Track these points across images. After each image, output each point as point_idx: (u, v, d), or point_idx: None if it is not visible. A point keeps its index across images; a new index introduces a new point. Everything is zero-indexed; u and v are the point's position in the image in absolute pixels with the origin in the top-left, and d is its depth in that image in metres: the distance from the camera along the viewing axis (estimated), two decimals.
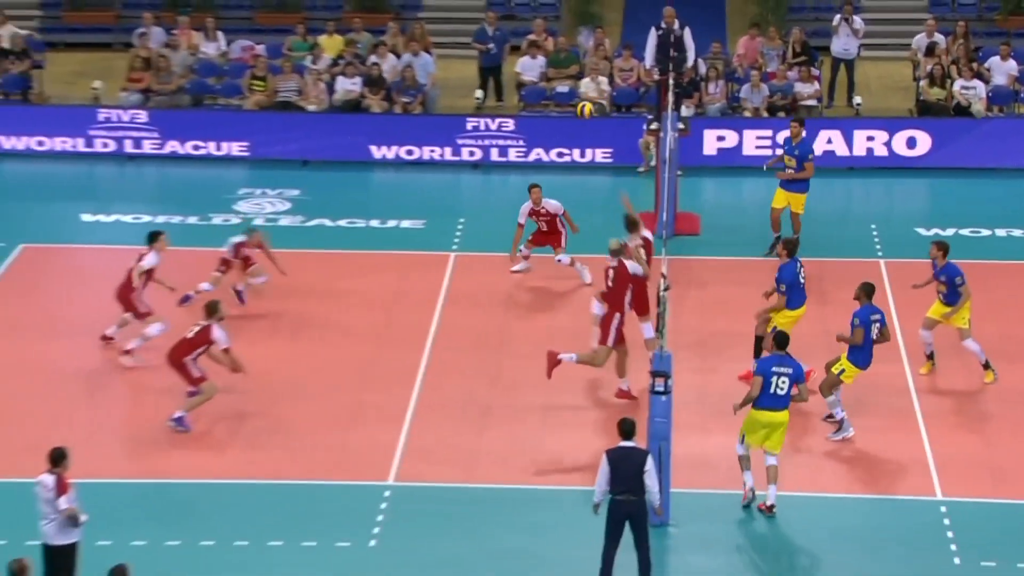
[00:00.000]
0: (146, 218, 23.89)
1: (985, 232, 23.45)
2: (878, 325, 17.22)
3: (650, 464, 14.23)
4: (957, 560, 15.28)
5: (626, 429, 14.40)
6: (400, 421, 17.74)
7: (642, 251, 18.58)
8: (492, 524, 15.86)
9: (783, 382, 15.75)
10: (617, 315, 17.69)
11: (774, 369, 15.80)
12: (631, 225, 19.01)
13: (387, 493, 16.35)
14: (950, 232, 23.40)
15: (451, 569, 15.10)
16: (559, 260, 21.08)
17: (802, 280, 18.44)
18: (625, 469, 14.17)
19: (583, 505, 15.35)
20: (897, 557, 15.34)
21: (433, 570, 15.08)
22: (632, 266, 17.91)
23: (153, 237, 19.32)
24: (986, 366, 18.68)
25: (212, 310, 17.79)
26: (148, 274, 19.07)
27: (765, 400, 15.79)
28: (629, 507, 14.22)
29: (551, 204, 21.21)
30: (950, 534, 15.69)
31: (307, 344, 19.67)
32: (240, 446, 17.33)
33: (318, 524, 15.75)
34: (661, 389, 15.32)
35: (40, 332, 19.97)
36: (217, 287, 20.08)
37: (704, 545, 15.54)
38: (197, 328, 17.67)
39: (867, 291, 17.38)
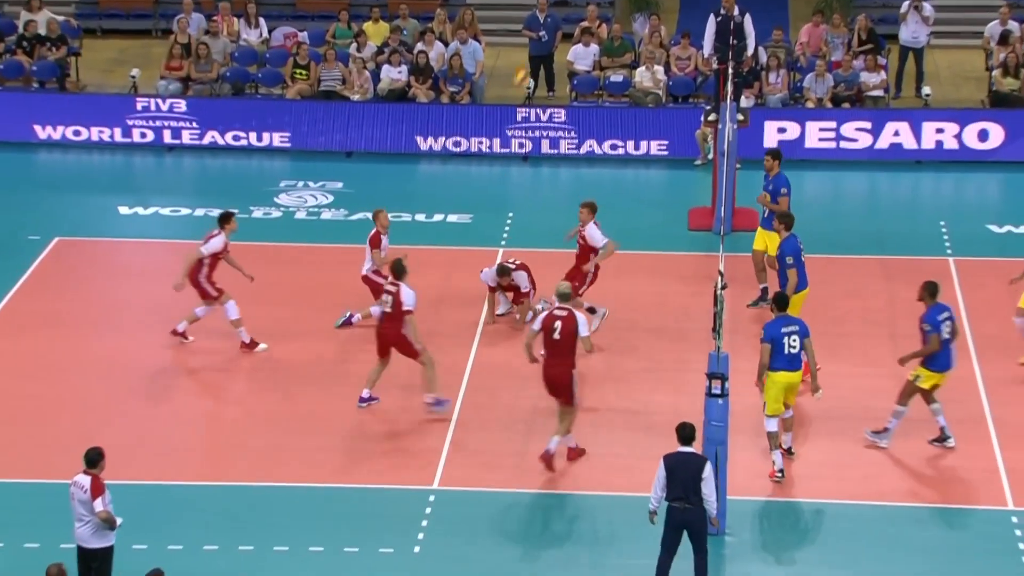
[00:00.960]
0: (185, 211, 24.07)
1: None
2: (949, 323, 17.02)
3: (708, 472, 14.23)
4: None
5: (686, 434, 14.42)
6: (446, 423, 17.78)
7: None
8: (539, 531, 15.87)
9: (794, 341, 16.41)
10: (574, 371, 16.51)
11: (783, 330, 16.40)
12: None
13: (432, 498, 16.39)
14: (1023, 229, 23.23)
15: None
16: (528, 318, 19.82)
17: (802, 259, 18.64)
18: (681, 475, 14.20)
19: (632, 511, 15.38)
20: (964, 569, 15.23)
21: None
22: (581, 320, 16.51)
23: (225, 219, 19.27)
24: None
25: (400, 269, 17.78)
26: (214, 257, 19.07)
27: (782, 362, 16.37)
28: (684, 515, 14.24)
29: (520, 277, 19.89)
30: (1022, 546, 15.57)
31: (349, 344, 19.72)
32: (280, 449, 17.40)
33: (361, 529, 15.81)
34: (718, 391, 15.29)
35: (74, 329, 20.12)
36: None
37: (762, 554, 15.50)
38: (391, 298, 17.65)
39: (931, 291, 17.12)
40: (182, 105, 26.61)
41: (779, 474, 16.53)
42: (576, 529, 15.89)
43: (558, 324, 16.53)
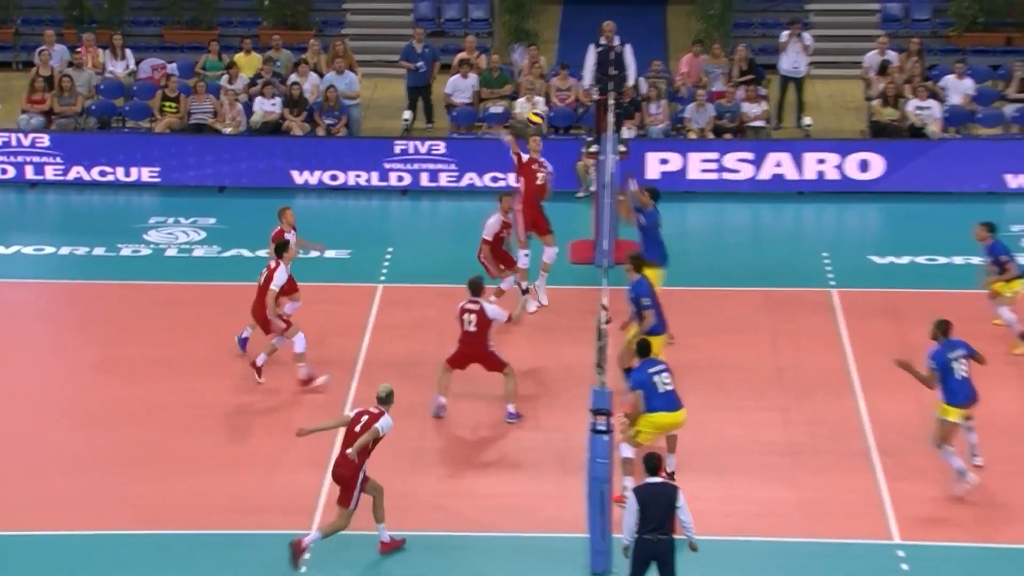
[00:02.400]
0: (49, 249, 23.81)
1: (942, 259, 23.77)
2: (964, 361, 17.05)
3: (682, 500, 14.51)
4: None
5: (652, 464, 14.66)
6: (324, 464, 17.72)
7: None
8: (423, 574, 15.88)
9: (666, 378, 16.82)
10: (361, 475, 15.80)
11: (650, 371, 16.80)
12: None
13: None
14: (905, 260, 23.76)
15: None
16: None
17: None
18: (654, 506, 14.45)
19: (519, 552, 15.48)
20: None
21: None
22: (383, 423, 15.87)
23: (283, 248, 19.35)
24: (1022, 336, 20.17)
25: (476, 286, 18.53)
26: (281, 290, 19.40)
27: (658, 402, 16.73)
28: (656, 546, 14.43)
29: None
30: None
31: (223, 383, 19.63)
32: (154, 494, 17.28)
33: None
34: (603, 428, 15.44)
35: None
36: None
37: None
38: (474, 317, 18.38)
39: (943, 328, 17.22)
40: (45, 140, 26.36)
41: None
42: (461, 571, 15.93)
43: (365, 418, 15.91)
